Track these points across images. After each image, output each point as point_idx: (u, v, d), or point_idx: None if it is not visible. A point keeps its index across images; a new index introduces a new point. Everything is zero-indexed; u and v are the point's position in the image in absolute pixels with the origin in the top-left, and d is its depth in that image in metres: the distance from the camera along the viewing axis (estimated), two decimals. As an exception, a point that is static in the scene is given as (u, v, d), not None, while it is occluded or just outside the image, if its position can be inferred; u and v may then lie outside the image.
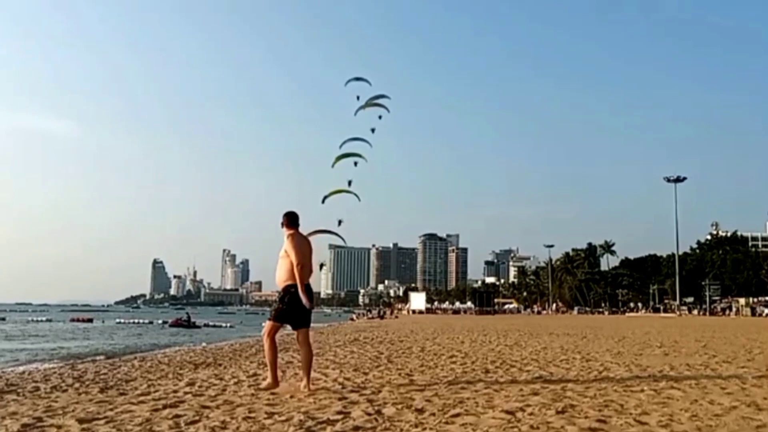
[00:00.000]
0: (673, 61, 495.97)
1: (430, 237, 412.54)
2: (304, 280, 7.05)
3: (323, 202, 33.81)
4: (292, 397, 6.88)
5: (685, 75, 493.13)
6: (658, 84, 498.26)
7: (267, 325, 7.26)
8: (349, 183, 34.84)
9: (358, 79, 33.32)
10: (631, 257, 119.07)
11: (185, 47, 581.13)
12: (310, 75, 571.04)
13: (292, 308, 7.09)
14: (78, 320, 67.83)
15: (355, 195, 34.49)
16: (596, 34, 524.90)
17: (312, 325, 7.58)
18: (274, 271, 7.26)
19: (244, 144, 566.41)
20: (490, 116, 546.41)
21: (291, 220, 7.36)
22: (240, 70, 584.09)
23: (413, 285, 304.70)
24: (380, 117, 33.41)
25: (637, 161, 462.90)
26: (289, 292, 7.10)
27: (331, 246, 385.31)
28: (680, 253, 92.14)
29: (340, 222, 35.73)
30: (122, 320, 69.14)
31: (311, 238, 7.78)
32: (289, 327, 7.44)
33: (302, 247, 7.19)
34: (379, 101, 32.66)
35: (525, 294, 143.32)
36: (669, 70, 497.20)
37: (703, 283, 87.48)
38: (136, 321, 68.83)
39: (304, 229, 7.46)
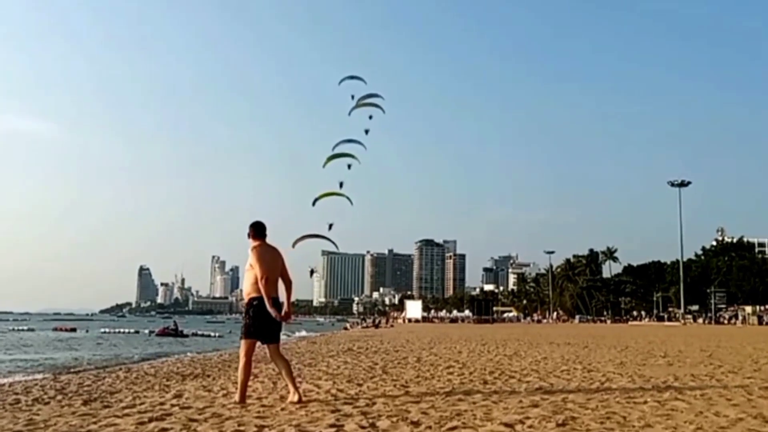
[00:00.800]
0: (681, 62, 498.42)
1: (427, 243, 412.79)
2: (270, 293, 7.05)
3: (314, 204, 33.81)
4: (283, 409, 6.86)
5: (691, 76, 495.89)
6: (662, 86, 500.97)
7: (241, 344, 7.30)
8: (341, 185, 34.87)
9: (352, 77, 33.35)
10: (635, 264, 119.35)
11: (171, 44, 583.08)
12: (303, 72, 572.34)
13: (258, 321, 7.08)
14: (61, 330, 67.52)
15: (347, 198, 34.51)
16: (601, 34, 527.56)
17: (304, 334, 7.63)
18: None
19: (234, 144, 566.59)
20: (490, 117, 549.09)
21: (256, 231, 7.36)
22: (228, 67, 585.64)
23: (409, 293, 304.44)
24: (371, 117, 33.47)
25: (641, 165, 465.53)
26: (252, 305, 7.10)
27: (324, 252, 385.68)
28: (685, 259, 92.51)
29: (330, 226, 35.71)
30: (107, 330, 68.81)
31: (300, 243, 7.80)
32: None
33: (266, 258, 7.18)
34: (372, 101, 32.68)
35: (525, 302, 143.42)
36: (676, 72, 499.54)
37: (708, 290, 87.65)
38: (122, 330, 68.51)
39: (292, 235, 7.49)
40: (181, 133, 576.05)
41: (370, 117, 33.58)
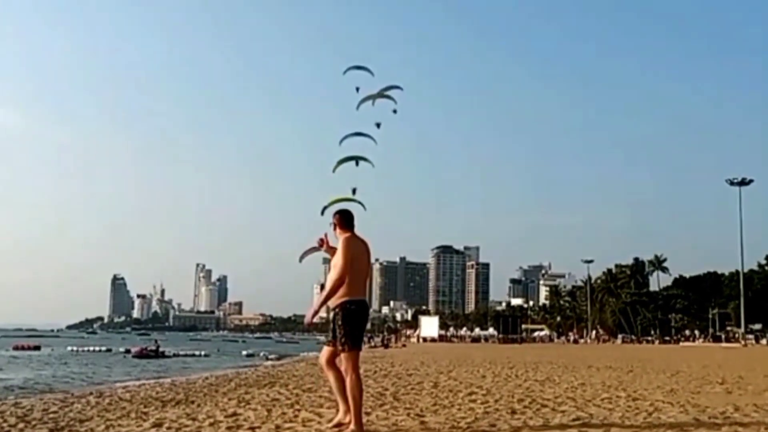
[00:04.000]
0: (743, 45, 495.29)
1: (445, 250, 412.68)
2: (329, 298, 7.02)
3: (322, 213, 33.90)
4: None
5: (749, 61, 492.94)
6: (719, 71, 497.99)
7: (345, 358, 7.13)
8: (354, 191, 34.96)
9: (358, 67, 33.48)
10: (687, 275, 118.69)
11: (117, 22, 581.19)
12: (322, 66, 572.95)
13: (360, 327, 7.11)
14: (22, 348, 67.90)
15: (361, 204, 34.57)
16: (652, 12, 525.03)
17: (303, 354, 7.58)
18: (260, 291, 7.27)
19: (226, 140, 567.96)
20: (519, 105, 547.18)
21: (345, 221, 7.32)
22: (248, 52, 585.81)
23: (424, 307, 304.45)
24: (395, 111, 33.65)
25: (695, 160, 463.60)
26: (349, 310, 7.05)
27: (326, 260, 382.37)
28: (746, 270, 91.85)
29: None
30: (75, 348, 69.26)
31: (310, 256, 7.80)
32: (271, 356, 7.42)
33: (356, 254, 7.10)
34: (390, 93, 32.76)
35: (558, 319, 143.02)
36: (735, 56, 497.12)
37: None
38: (93, 349, 68.96)
39: (297, 244, 7.50)
40: (158, 123, 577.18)
41: (395, 111, 33.73)
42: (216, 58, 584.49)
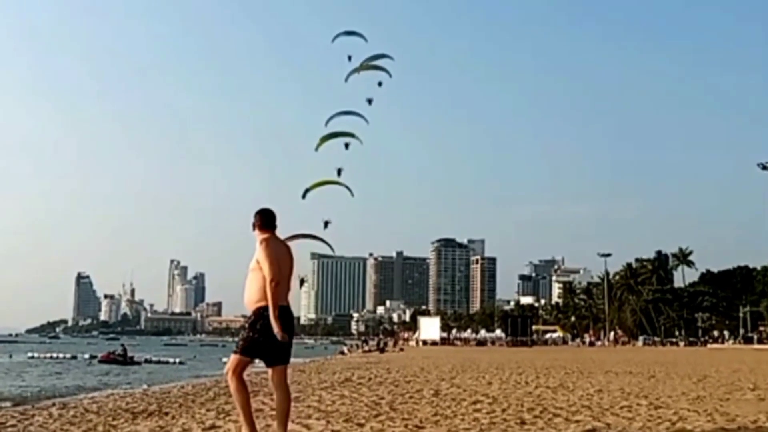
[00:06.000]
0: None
1: (447, 243, 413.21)
2: (278, 301, 7.02)
3: (304, 197, 33.98)
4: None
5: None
6: (746, 40, 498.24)
7: (231, 359, 7.22)
8: (339, 172, 35.02)
9: (349, 33, 33.39)
10: (715, 270, 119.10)
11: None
12: (284, 27, 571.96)
13: (267, 338, 7.04)
14: (-24, 354, 67.89)
15: (347, 188, 34.69)
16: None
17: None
18: (242, 289, 7.23)
19: (199, 121, 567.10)
20: (527, 85, 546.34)
21: (265, 220, 7.36)
22: (191, 22, 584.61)
23: (424, 307, 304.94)
24: (380, 84, 33.59)
25: (722, 143, 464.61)
26: (262, 316, 7.07)
27: (314, 255, 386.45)
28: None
29: (326, 224, 35.91)
30: (36, 354, 69.16)
31: (291, 245, 7.76)
32: (261, 363, 7.40)
33: (279, 256, 7.18)
34: (378, 62, 32.77)
35: (573, 319, 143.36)
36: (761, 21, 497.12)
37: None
38: (55, 355, 68.86)
39: (280, 233, 7.44)
40: (130, 106, 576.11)
41: (380, 84, 33.67)
42: (225, 32, 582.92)
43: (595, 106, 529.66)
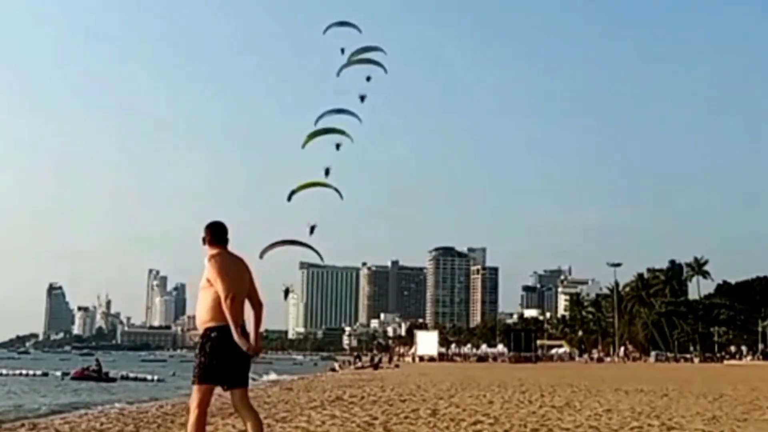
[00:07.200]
0: None
1: (445, 252, 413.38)
2: (237, 319, 7.00)
3: (289, 199, 33.94)
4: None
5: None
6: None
7: (194, 392, 7.16)
8: (327, 173, 35.02)
9: (342, 23, 33.46)
10: (732, 281, 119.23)
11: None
12: (271, 17, 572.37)
13: (220, 360, 7.00)
14: (-60, 371, 67.60)
15: (336, 190, 34.67)
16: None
17: (275, 378, 7.56)
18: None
19: (176, 118, 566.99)
20: (533, 85, 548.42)
21: (215, 234, 7.34)
22: (168, 10, 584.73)
23: (421, 321, 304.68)
24: (368, 78, 33.61)
25: (740, 147, 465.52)
26: (210, 338, 7.07)
27: (303, 265, 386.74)
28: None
29: (312, 229, 35.84)
30: (4, 371, 68.95)
31: (269, 253, 7.76)
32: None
33: (232, 271, 7.15)
34: (370, 56, 32.85)
35: (580, 333, 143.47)
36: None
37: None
38: (25, 372, 68.62)
39: (259, 241, 7.45)
40: (104, 102, 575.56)
41: (368, 79, 33.71)
42: (205, 22, 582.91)
43: (606, 107, 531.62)
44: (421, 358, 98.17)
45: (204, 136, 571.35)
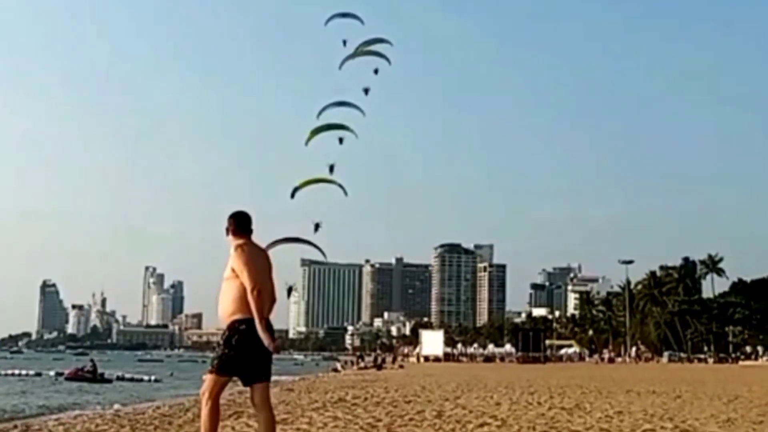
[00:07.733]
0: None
1: (451, 249, 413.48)
2: (263, 312, 7.00)
3: (293, 196, 34.01)
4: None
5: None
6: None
7: (207, 380, 7.19)
8: (331, 169, 35.05)
9: (344, 14, 33.42)
10: (748, 279, 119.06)
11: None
12: (272, 15, 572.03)
13: (244, 354, 7.01)
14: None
15: (340, 186, 34.71)
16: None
17: (275, 378, 7.54)
18: (217, 301, 7.20)
19: (175, 113, 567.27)
20: (542, 79, 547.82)
21: (240, 224, 7.33)
22: (167, 7, 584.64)
23: (426, 319, 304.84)
24: (376, 71, 33.59)
25: (755, 141, 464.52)
26: (237, 330, 7.05)
27: (305, 262, 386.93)
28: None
29: (317, 226, 35.91)
30: (-4, 371, 69.11)
31: (271, 251, 7.75)
32: (238, 381, 7.36)
33: (258, 263, 7.16)
34: (376, 48, 32.83)
35: (590, 333, 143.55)
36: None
37: None
38: (17, 372, 68.76)
39: (263, 238, 7.43)
40: (100, 98, 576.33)
41: (376, 71, 33.69)
42: (212, 14, 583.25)
43: (617, 100, 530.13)
44: (426, 359, 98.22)
45: (203, 132, 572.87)
